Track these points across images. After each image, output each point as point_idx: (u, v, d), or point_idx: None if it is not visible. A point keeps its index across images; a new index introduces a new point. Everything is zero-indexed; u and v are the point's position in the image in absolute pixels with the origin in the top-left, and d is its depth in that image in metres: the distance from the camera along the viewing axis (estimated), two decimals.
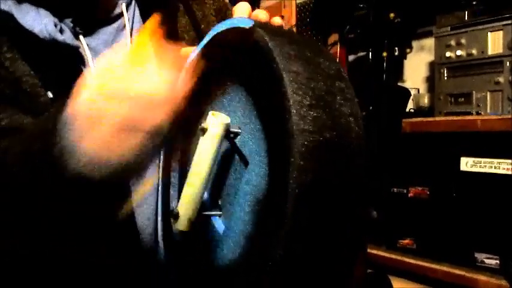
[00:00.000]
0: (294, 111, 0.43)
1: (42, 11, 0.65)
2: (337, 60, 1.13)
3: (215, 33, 0.56)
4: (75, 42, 0.66)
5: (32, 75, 0.65)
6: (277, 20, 0.60)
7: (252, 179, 0.51)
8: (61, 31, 0.65)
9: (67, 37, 0.65)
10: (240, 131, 0.54)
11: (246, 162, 0.53)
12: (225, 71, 0.57)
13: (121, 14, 0.72)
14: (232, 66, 0.56)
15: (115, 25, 0.72)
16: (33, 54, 0.65)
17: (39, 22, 0.64)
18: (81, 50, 0.67)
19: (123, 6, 0.72)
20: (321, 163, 0.44)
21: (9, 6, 0.64)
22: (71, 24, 0.67)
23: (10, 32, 0.64)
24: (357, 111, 0.48)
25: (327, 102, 0.46)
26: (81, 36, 0.68)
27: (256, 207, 0.50)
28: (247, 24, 0.50)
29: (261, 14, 0.58)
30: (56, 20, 0.65)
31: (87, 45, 0.68)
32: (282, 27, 0.59)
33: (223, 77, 0.57)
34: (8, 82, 0.65)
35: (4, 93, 0.65)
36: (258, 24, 0.49)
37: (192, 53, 0.63)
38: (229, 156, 0.56)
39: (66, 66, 0.66)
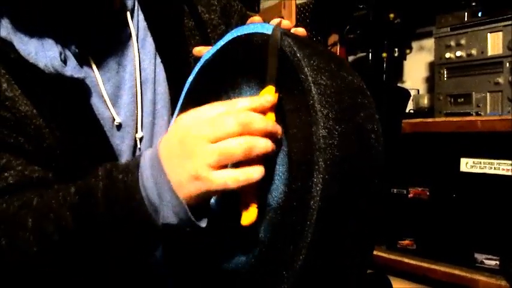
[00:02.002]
0: (322, 124, 0.43)
1: (45, 40, 0.62)
2: None
3: (236, 35, 0.56)
4: (81, 74, 0.63)
5: (35, 115, 0.61)
6: (301, 30, 0.58)
7: (268, 187, 0.51)
8: (65, 60, 0.62)
9: (72, 68, 0.63)
10: None
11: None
12: (242, 74, 0.57)
13: (126, 23, 0.70)
14: (250, 69, 0.55)
15: (121, 37, 0.69)
16: (35, 86, 0.62)
17: (44, 55, 0.61)
18: (86, 80, 0.64)
19: (128, 14, 0.70)
20: (343, 178, 0.44)
21: (8, 32, 0.61)
22: (76, 50, 0.65)
23: (9, 61, 0.61)
24: (378, 128, 0.48)
25: (351, 117, 0.46)
26: (91, 60, 0.66)
27: (270, 215, 0.50)
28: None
29: (284, 22, 0.56)
30: (60, 47, 0.62)
31: (97, 64, 0.67)
32: (307, 37, 0.59)
33: (239, 79, 0.57)
34: (10, 126, 0.61)
35: (7, 141, 0.61)
36: (285, 33, 0.49)
37: (207, 52, 0.62)
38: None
39: (70, 98, 0.63)
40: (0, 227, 0.57)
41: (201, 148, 0.47)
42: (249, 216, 0.49)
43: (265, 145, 0.47)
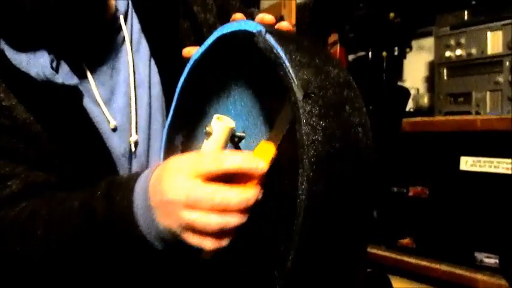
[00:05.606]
0: (305, 121, 0.43)
1: (37, 49, 0.62)
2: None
3: (220, 34, 0.55)
4: (73, 80, 0.64)
5: (33, 122, 0.62)
6: (284, 24, 0.58)
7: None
8: (58, 68, 0.63)
9: (64, 75, 0.63)
10: (244, 135, 0.54)
11: None
12: (230, 73, 0.57)
13: (120, 28, 0.70)
14: (237, 68, 0.55)
15: (115, 41, 0.69)
16: (30, 93, 0.62)
17: (35, 63, 0.62)
18: (80, 86, 0.65)
19: (121, 18, 0.70)
20: (330, 174, 0.44)
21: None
22: (69, 57, 0.65)
23: (3, 70, 0.62)
24: (365, 121, 0.47)
25: (337, 112, 0.46)
26: (84, 65, 0.67)
27: (263, 215, 0.50)
28: (255, 28, 0.49)
29: (267, 17, 0.56)
30: (52, 55, 0.63)
31: (91, 69, 0.67)
32: (290, 32, 0.58)
33: (228, 79, 0.57)
34: (11, 133, 0.62)
35: (8, 149, 0.62)
36: (267, 29, 0.48)
37: (195, 52, 0.62)
38: None
39: (64, 104, 0.64)
40: (13, 234, 0.60)
41: (175, 212, 0.49)
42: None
43: (239, 221, 0.48)
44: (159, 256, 0.55)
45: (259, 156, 0.48)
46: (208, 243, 0.48)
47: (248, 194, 0.47)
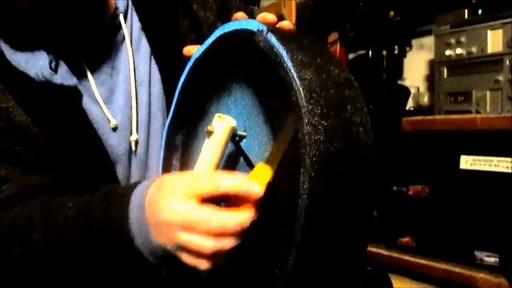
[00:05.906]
0: (306, 120, 0.43)
1: (35, 49, 0.62)
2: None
3: (222, 33, 0.55)
4: (72, 81, 0.64)
5: (30, 124, 0.62)
6: (286, 23, 0.58)
7: None
8: (56, 68, 0.63)
9: (63, 76, 0.63)
10: (245, 134, 0.54)
11: (251, 166, 0.52)
12: (231, 72, 0.56)
13: (119, 26, 0.70)
14: (238, 67, 0.55)
15: (115, 40, 0.69)
16: (28, 94, 0.62)
17: (34, 63, 0.61)
18: (79, 85, 0.65)
19: (121, 17, 0.70)
20: (331, 174, 0.44)
21: None
22: (68, 56, 0.65)
23: (1, 71, 0.61)
24: (366, 121, 0.47)
25: (338, 111, 0.46)
26: (84, 64, 0.66)
27: (264, 215, 0.50)
28: (257, 27, 0.49)
29: (268, 16, 0.56)
30: (51, 55, 0.63)
31: (91, 68, 0.67)
32: (292, 32, 0.58)
33: (229, 77, 0.57)
34: (8, 135, 0.62)
35: (5, 151, 0.62)
36: (268, 28, 0.48)
37: (196, 51, 0.62)
38: (234, 159, 0.56)
39: (63, 104, 0.64)
40: (10, 238, 0.60)
41: (171, 232, 0.49)
42: None
43: (233, 244, 0.48)
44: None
45: (255, 179, 0.48)
46: (203, 264, 0.49)
47: (244, 217, 0.47)
